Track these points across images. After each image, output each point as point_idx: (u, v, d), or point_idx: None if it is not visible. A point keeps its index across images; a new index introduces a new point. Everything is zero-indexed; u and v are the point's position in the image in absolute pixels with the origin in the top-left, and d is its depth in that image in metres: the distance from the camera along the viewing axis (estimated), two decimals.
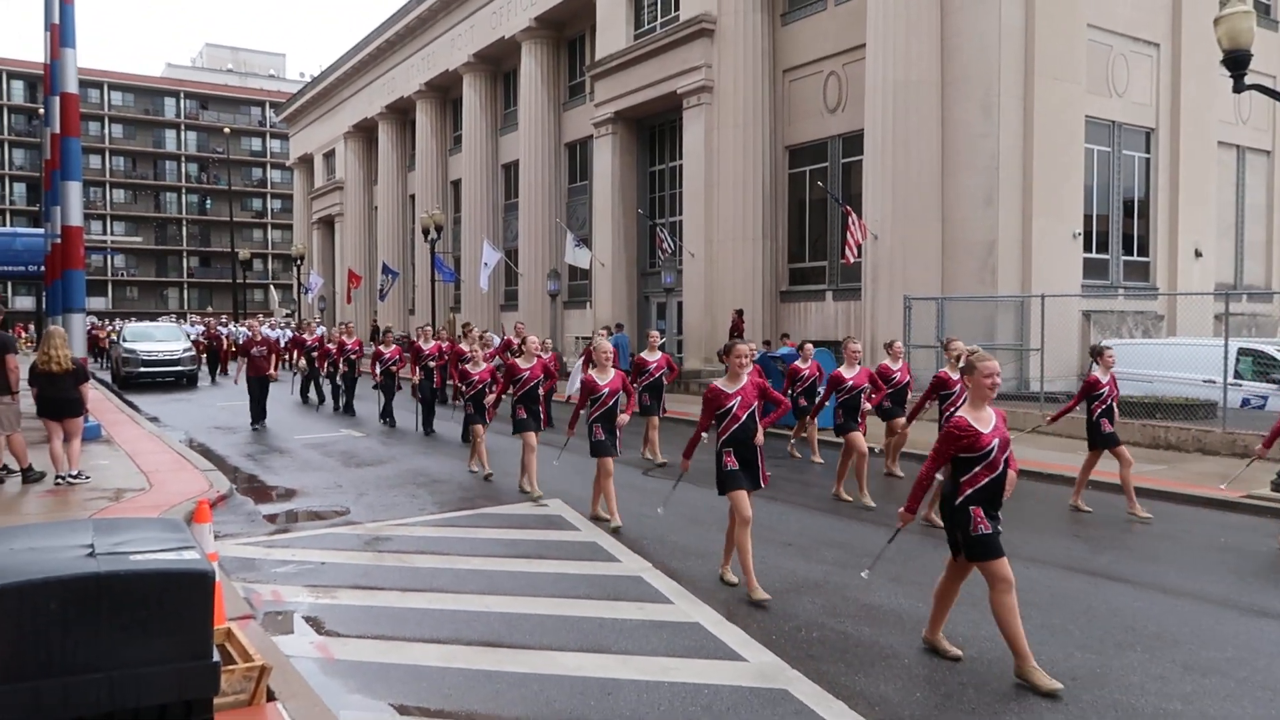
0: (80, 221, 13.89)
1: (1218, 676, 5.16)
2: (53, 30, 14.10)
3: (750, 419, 6.65)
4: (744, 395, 6.65)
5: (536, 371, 10.17)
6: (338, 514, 9.60)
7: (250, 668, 4.49)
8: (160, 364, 25.53)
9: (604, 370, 8.82)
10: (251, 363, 16.91)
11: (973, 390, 5.26)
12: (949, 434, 5.14)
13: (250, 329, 17.98)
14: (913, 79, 18.93)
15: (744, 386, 6.66)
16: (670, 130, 27.42)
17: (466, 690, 5.01)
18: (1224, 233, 23.51)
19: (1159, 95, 21.39)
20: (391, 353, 17.08)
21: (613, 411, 8.72)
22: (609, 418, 8.70)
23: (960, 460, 5.14)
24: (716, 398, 6.67)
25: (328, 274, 51.41)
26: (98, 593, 3.48)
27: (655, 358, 12.98)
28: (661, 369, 12.89)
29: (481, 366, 11.76)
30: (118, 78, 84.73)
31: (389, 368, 16.89)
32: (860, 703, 4.82)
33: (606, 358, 8.83)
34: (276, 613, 6.39)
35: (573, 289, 31.99)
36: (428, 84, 39.00)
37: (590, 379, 8.77)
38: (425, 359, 15.63)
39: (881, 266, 19.38)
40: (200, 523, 5.57)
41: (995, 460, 5.09)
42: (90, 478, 10.57)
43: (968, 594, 6.63)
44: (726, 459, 6.64)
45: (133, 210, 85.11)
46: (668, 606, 6.41)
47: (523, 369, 10.11)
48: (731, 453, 6.64)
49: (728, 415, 6.64)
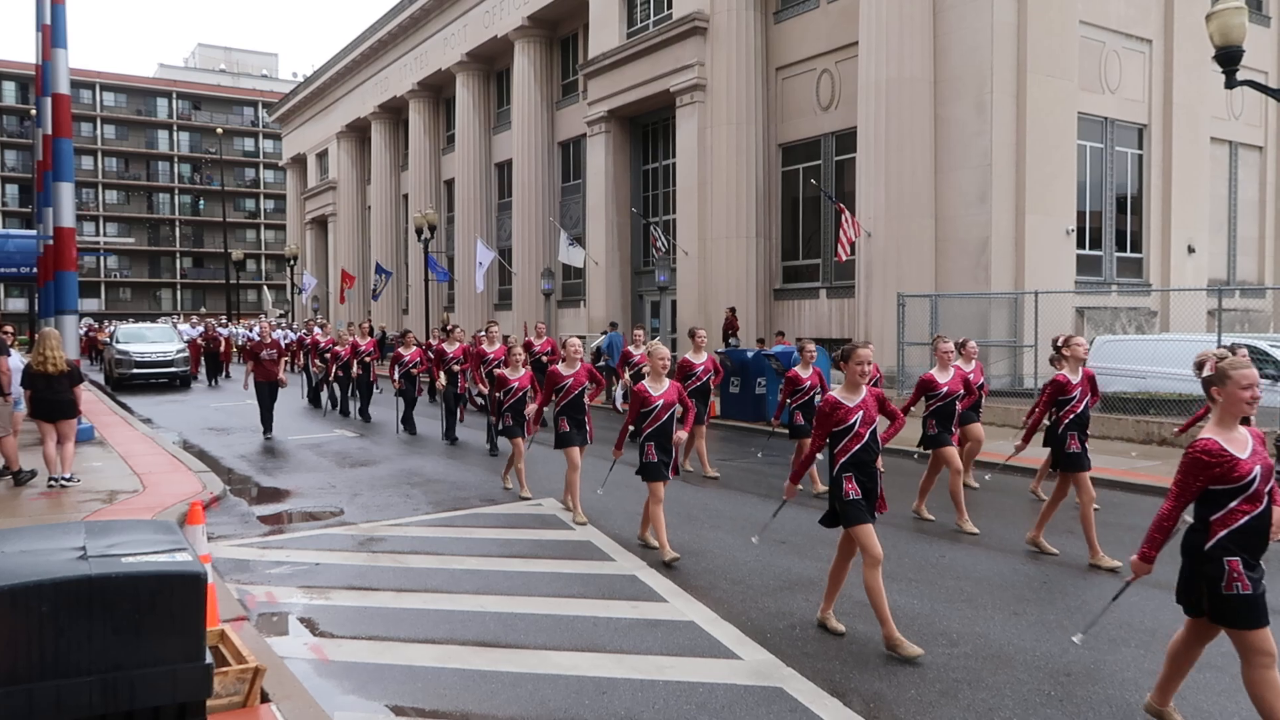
0: (72, 223, 13.85)
1: (1212, 672, 5.17)
2: (44, 31, 14.06)
3: (873, 438, 5.67)
4: (865, 410, 5.61)
5: (580, 378, 9.17)
6: (332, 515, 9.58)
7: (244, 669, 4.48)
8: (153, 365, 25.47)
9: (658, 380, 7.64)
10: (260, 367, 15.47)
11: (1222, 406, 4.11)
12: (1194, 461, 4.05)
13: (260, 330, 16.73)
14: (905, 76, 18.95)
15: (865, 399, 5.61)
16: (663, 129, 27.41)
17: (461, 690, 5.01)
18: (1216, 228, 23.58)
19: (1151, 91, 21.44)
20: (412, 355, 16.04)
21: (668, 427, 7.57)
22: (664, 435, 7.55)
23: (1211, 494, 4.09)
24: (834, 412, 5.59)
25: (321, 274, 51.35)
26: (90, 595, 3.47)
27: (701, 359, 11.57)
28: (709, 372, 11.57)
29: (521, 372, 10.39)
30: (110, 78, 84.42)
31: (409, 371, 15.80)
32: (855, 700, 4.82)
33: (663, 364, 7.67)
34: (271, 614, 6.38)
35: (567, 288, 31.99)
36: (420, 83, 38.96)
37: (642, 389, 7.61)
38: (450, 362, 14.64)
39: (875, 264, 19.41)
40: (193, 524, 5.55)
41: (1258, 492, 4.02)
42: (82, 480, 10.54)
43: (959, 590, 6.66)
44: (848, 485, 5.58)
45: (125, 211, 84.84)
46: (662, 605, 6.41)
47: (565, 376, 9.11)
48: (852, 478, 5.60)
49: (849, 433, 5.60)
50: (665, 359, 7.68)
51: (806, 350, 10.71)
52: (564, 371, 9.12)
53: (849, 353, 5.66)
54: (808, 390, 10.42)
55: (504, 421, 10.31)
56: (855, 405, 5.57)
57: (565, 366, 9.18)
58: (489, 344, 13.40)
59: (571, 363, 9.17)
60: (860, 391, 5.60)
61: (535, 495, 10.29)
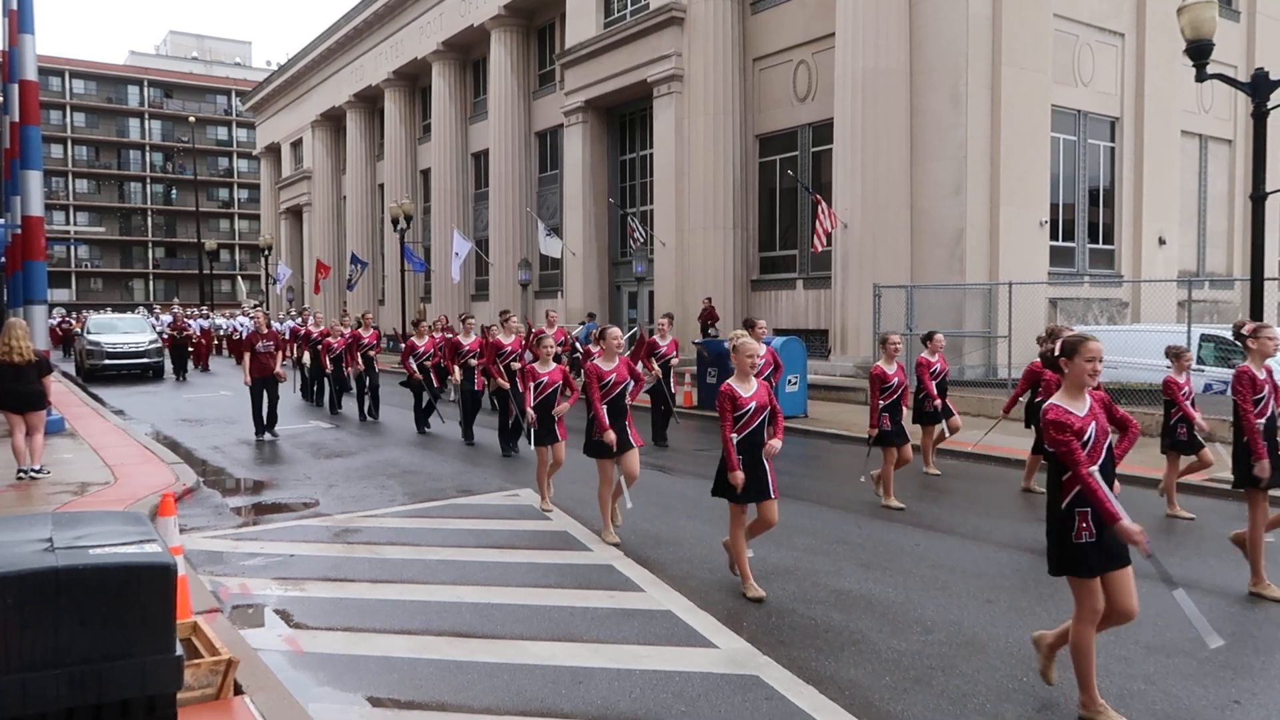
0: (41, 212, 13.64)
1: (1180, 656, 5.24)
2: (10, 16, 13.81)
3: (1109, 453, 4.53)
4: (1096, 420, 4.47)
5: (622, 374, 8.00)
6: (307, 506, 9.52)
7: (217, 661, 4.44)
8: (126, 356, 25.18)
9: (745, 380, 6.31)
10: (257, 360, 14.14)
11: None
12: None
13: (255, 321, 15.36)
14: (882, 68, 19.01)
15: (1092, 407, 4.48)
16: (641, 119, 27.37)
17: (437, 681, 4.99)
18: (1187, 221, 23.86)
19: (1124, 85, 21.64)
20: (427, 345, 14.99)
21: (759, 437, 6.29)
22: (755, 446, 6.26)
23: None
24: (1069, 422, 4.38)
25: (296, 264, 50.94)
26: (56, 587, 3.42)
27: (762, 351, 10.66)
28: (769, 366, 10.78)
29: (551, 366, 8.89)
30: (79, 65, 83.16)
31: (424, 363, 14.79)
32: (830, 687, 4.85)
33: (752, 363, 6.29)
34: (245, 606, 6.33)
35: (544, 278, 31.92)
36: (396, 72, 38.67)
37: (732, 390, 6.24)
38: (466, 355, 13.45)
39: (851, 255, 19.49)
40: (165, 516, 5.49)
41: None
42: (52, 472, 10.40)
43: (934, 579, 6.71)
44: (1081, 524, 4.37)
45: (96, 200, 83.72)
46: (639, 594, 6.42)
47: (606, 372, 7.94)
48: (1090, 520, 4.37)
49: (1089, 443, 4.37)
50: (755, 355, 6.30)
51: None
52: (604, 367, 7.93)
53: (1074, 347, 4.48)
54: (896, 388, 9.22)
55: (531, 424, 8.78)
56: (1085, 415, 4.40)
57: (605, 361, 8.03)
58: (505, 335, 12.50)
59: (610, 356, 8.01)
60: (1086, 400, 4.47)
61: (512, 486, 10.28)
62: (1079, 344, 4.51)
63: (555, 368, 8.90)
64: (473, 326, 14.01)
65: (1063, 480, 4.40)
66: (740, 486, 6.18)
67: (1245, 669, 5.08)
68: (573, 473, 9.99)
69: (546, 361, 8.89)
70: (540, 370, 8.78)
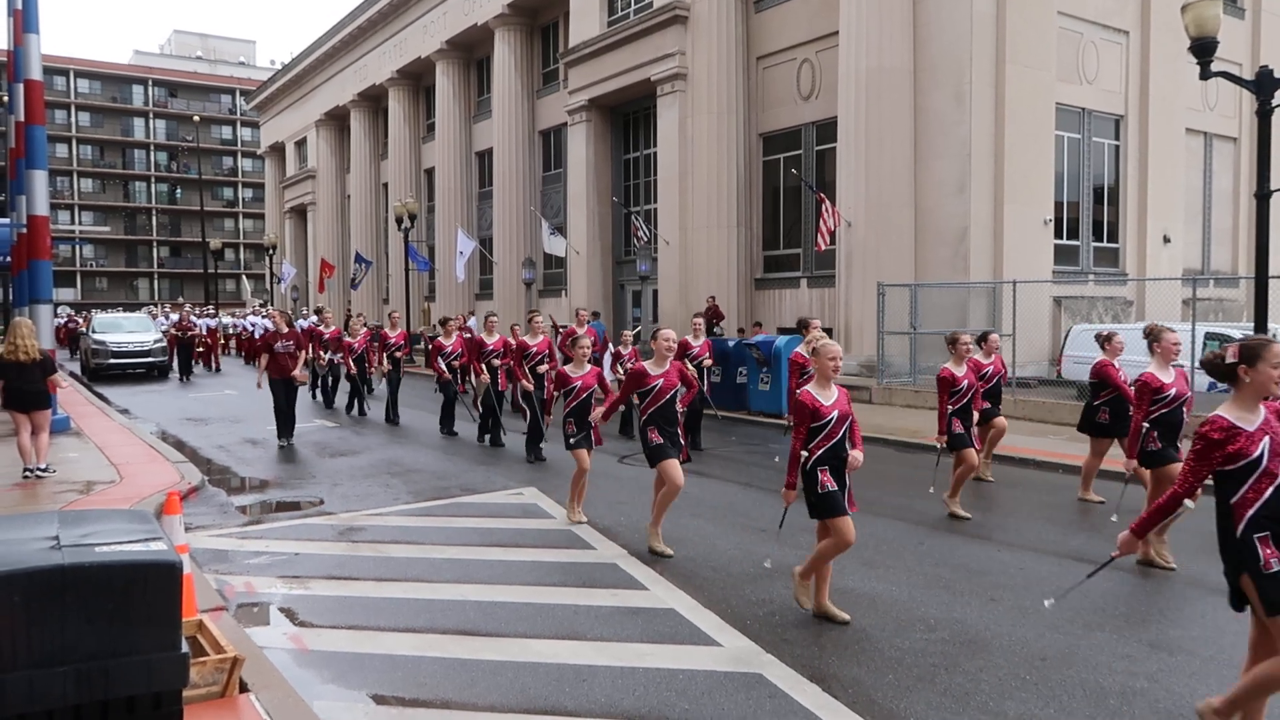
0: (46, 211, 13.68)
1: (1184, 655, 5.24)
2: (15, 16, 13.87)
3: None
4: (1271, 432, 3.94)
5: (672, 379, 7.39)
6: (311, 505, 9.54)
7: (222, 659, 4.46)
8: (130, 355, 25.22)
9: (825, 387, 5.79)
10: (275, 361, 13.21)
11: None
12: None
13: (273, 319, 14.36)
14: (885, 66, 18.98)
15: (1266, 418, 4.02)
16: (644, 117, 27.36)
17: (442, 679, 5.00)
18: (1191, 219, 23.80)
19: (1128, 82, 21.59)
20: (454, 344, 14.25)
21: (841, 449, 5.77)
22: (838, 459, 5.76)
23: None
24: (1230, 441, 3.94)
25: (300, 263, 50.98)
26: (63, 585, 3.44)
27: None
28: None
29: (585, 369, 8.43)
30: (84, 65, 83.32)
31: (452, 363, 14.07)
32: (834, 685, 4.86)
33: (834, 366, 5.78)
34: (250, 604, 6.35)
35: (548, 277, 31.92)
36: (400, 71, 38.69)
37: (810, 398, 5.74)
38: (489, 355, 12.93)
39: (855, 254, 19.47)
40: (170, 514, 5.51)
41: None
42: (58, 470, 10.43)
43: (937, 577, 6.71)
44: None
45: (101, 200, 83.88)
46: (643, 593, 6.43)
47: (653, 376, 7.34)
48: None
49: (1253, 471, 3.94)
50: (836, 357, 5.78)
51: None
52: (652, 371, 7.31)
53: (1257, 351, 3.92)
54: (966, 391, 8.70)
55: (565, 429, 8.33)
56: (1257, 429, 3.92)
57: (654, 365, 7.44)
58: (531, 336, 12.15)
59: (660, 360, 7.38)
60: (1260, 412, 3.97)
61: (516, 485, 10.29)
62: (1263, 348, 3.89)
63: (590, 370, 8.46)
64: (495, 325, 13.38)
65: (1232, 504, 3.89)
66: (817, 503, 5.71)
67: None
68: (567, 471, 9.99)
69: (581, 364, 8.42)
70: (574, 374, 8.31)
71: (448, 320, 14.93)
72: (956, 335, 8.93)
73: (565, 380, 8.24)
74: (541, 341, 12.02)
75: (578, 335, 8.70)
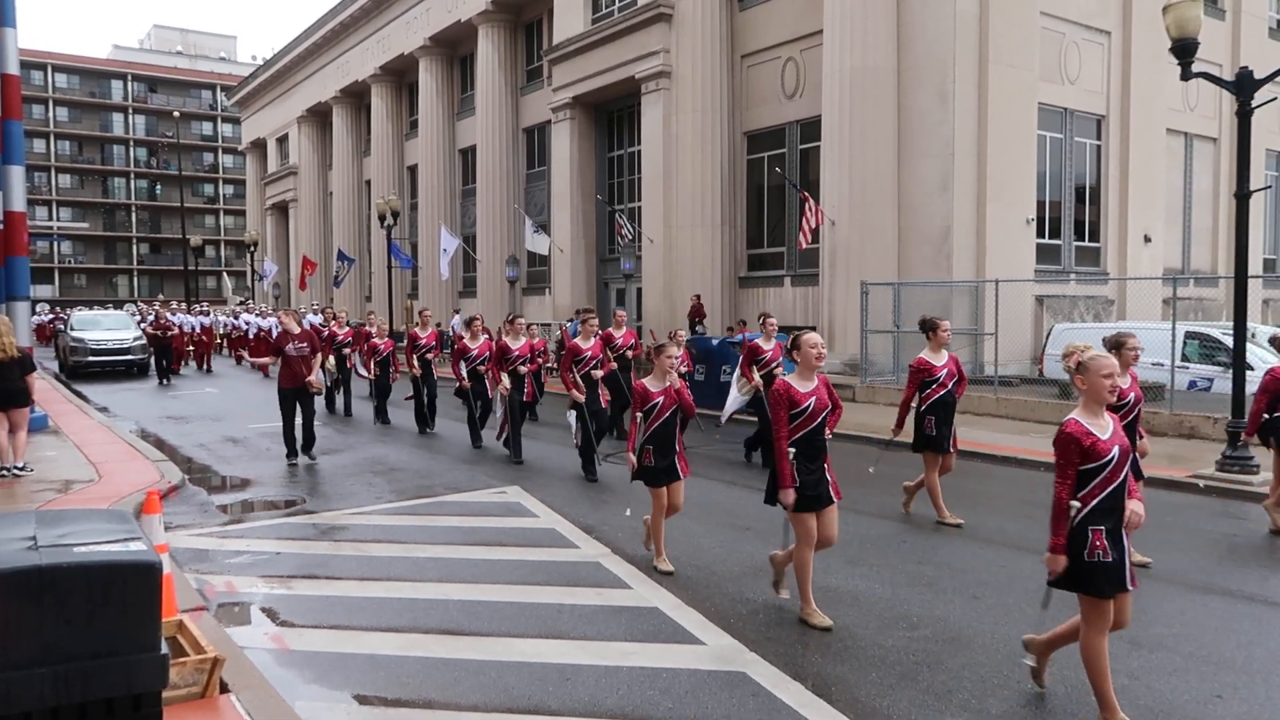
0: (23, 207, 13.56)
1: (1164, 652, 5.28)
2: None
3: None
4: None
5: (824, 399, 5.81)
6: (293, 503, 9.48)
7: (202, 660, 4.42)
8: (110, 353, 24.98)
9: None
10: (287, 366, 11.68)
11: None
12: None
13: (280, 320, 12.69)
14: (869, 66, 19.04)
15: None
16: (629, 115, 27.34)
17: (424, 678, 4.98)
18: (1172, 219, 24.01)
19: (1110, 83, 21.74)
20: (480, 348, 12.89)
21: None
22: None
23: None
24: None
25: (282, 260, 50.69)
26: (40, 586, 3.40)
27: None
28: None
29: (666, 382, 6.93)
30: (62, 59, 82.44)
31: (476, 368, 12.79)
32: (817, 683, 4.87)
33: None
34: (231, 604, 6.30)
35: (531, 275, 31.86)
36: (383, 67, 38.51)
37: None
38: (515, 361, 11.62)
39: (839, 252, 19.52)
40: (150, 514, 5.46)
41: None
42: (35, 469, 10.33)
43: (920, 575, 6.74)
44: None
45: (79, 196, 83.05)
46: (626, 591, 6.42)
47: (803, 395, 5.73)
48: None
49: None
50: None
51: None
52: (799, 389, 5.77)
53: None
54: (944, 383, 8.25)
55: (642, 459, 6.85)
56: None
57: (653, 381, 6.92)
58: (583, 339, 10.84)
59: (808, 373, 5.84)
60: None
61: (500, 484, 10.26)
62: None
63: (673, 384, 6.96)
64: (521, 328, 11.95)
65: None
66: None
67: (1227, 663, 5.12)
68: (563, 470, 9.98)
69: (662, 377, 6.88)
70: (654, 389, 6.83)
71: (474, 320, 13.35)
72: (935, 321, 8.41)
73: (645, 397, 6.80)
74: (594, 345, 10.80)
75: (663, 343, 7.11)
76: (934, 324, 8.37)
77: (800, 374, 5.79)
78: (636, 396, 6.82)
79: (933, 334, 8.35)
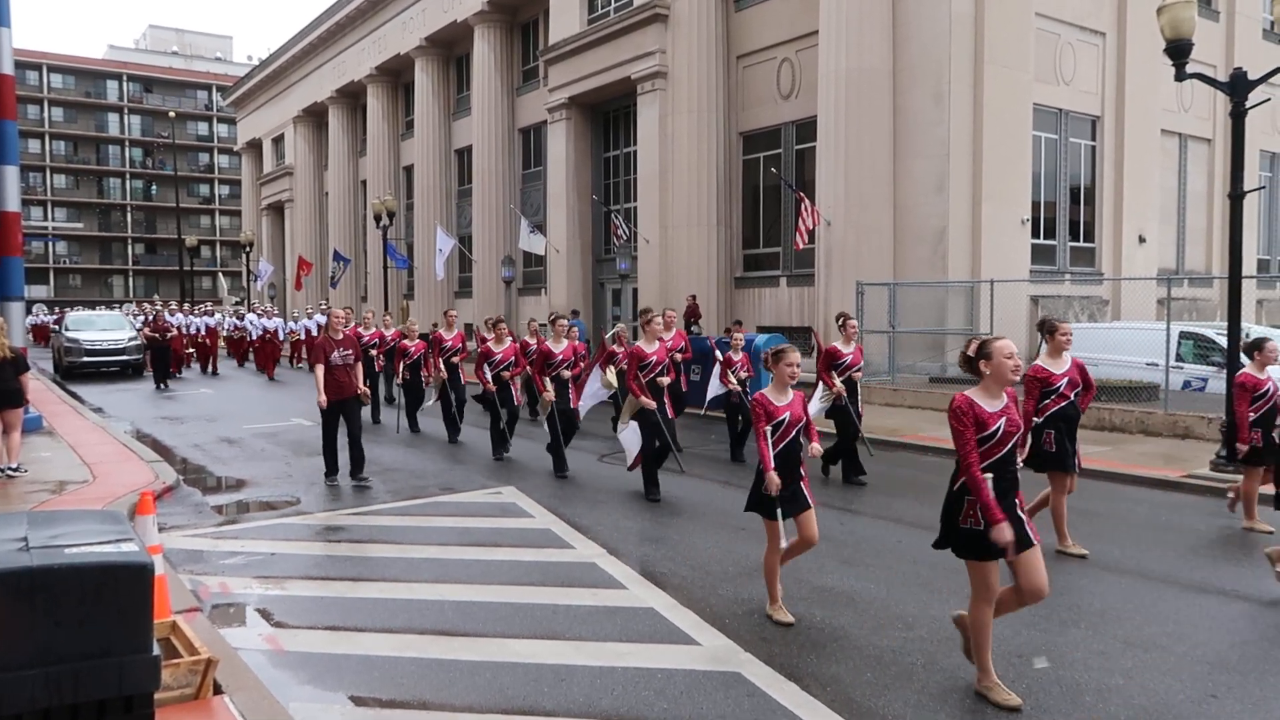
0: (18, 207, 13.56)
1: (1158, 651, 5.29)
2: None
3: None
4: None
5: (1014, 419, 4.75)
6: (288, 504, 9.46)
7: (196, 661, 4.41)
8: (104, 354, 24.92)
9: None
10: (332, 377, 10.14)
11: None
12: None
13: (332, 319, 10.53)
14: (865, 66, 19.05)
15: None
16: (624, 116, 27.33)
17: (419, 679, 4.97)
18: (1166, 219, 24.05)
19: (1105, 83, 21.78)
20: (506, 352, 11.90)
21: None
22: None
23: None
24: None
25: (278, 261, 50.59)
26: (31, 587, 3.39)
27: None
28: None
29: (790, 394, 5.84)
30: (57, 59, 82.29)
31: (500, 373, 11.77)
32: (812, 684, 4.86)
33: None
34: (225, 605, 6.29)
35: (527, 275, 31.84)
36: (379, 68, 38.45)
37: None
38: (559, 366, 10.83)
39: (834, 252, 19.53)
40: (143, 514, 5.44)
41: None
42: (29, 470, 10.30)
43: (915, 575, 6.74)
44: None
45: (74, 196, 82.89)
46: (621, 592, 6.42)
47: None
48: None
49: None
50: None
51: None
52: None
53: None
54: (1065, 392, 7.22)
55: (765, 489, 5.67)
56: None
57: (774, 392, 5.89)
58: (647, 342, 9.77)
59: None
60: None
61: (495, 484, 10.24)
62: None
63: (796, 396, 5.87)
64: (562, 331, 11.07)
65: None
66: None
67: (1221, 663, 5.13)
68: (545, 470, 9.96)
69: (784, 388, 5.84)
70: (778, 401, 5.77)
71: (500, 322, 12.26)
72: (1055, 324, 7.27)
73: (771, 412, 5.74)
74: (659, 349, 9.81)
75: (782, 348, 5.93)
76: (1053, 326, 7.26)
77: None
78: (759, 411, 5.74)
79: (1050, 338, 7.25)
